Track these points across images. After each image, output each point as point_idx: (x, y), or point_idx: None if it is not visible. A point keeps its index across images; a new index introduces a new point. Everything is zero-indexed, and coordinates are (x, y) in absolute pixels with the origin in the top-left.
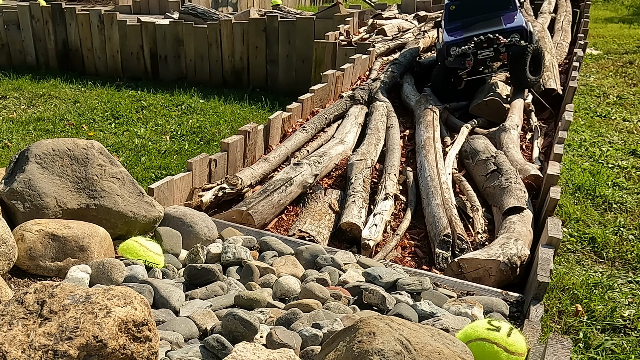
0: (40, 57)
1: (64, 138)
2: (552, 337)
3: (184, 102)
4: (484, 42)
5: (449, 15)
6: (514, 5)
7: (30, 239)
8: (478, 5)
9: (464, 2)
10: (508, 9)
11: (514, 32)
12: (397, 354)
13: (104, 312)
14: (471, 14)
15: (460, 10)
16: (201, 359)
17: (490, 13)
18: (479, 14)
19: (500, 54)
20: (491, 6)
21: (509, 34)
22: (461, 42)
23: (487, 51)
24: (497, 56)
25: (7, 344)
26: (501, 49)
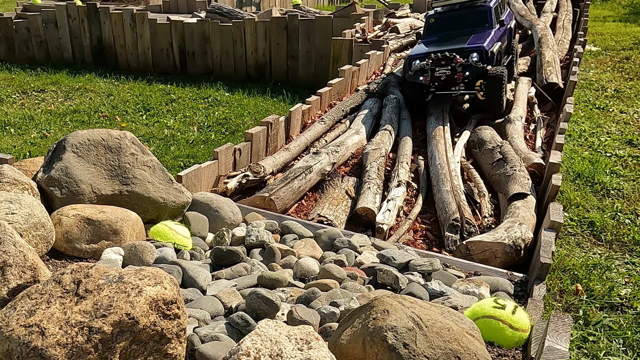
0: (76, 53)
1: (98, 129)
2: (553, 314)
3: (211, 95)
4: (441, 59)
5: (428, 28)
6: (490, 23)
7: (67, 223)
8: (456, 21)
9: (443, 17)
10: (484, 26)
11: (473, 52)
12: (409, 330)
13: (135, 291)
14: (448, 28)
15: (439, 24)
16: (227, 334)
17: (466, 29)
18: (455, 30)
19: (456, 73)
20: (468, 23)
21: (468, 54)
22: (422, 57)
23: (444, 69)
24: (453, 75)
25: (46, 321)
26: (457, 69)
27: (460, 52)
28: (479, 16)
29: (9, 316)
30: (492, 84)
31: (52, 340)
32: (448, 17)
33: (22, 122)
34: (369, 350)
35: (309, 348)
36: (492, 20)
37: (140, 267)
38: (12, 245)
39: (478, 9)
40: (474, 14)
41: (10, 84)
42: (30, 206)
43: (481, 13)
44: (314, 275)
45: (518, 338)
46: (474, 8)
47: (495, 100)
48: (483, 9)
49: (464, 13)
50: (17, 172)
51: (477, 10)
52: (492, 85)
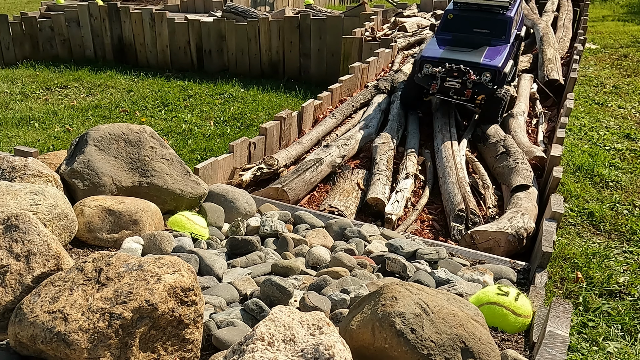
0: (98, 51)
1: (119, 123)
2: (555, 301)
3: (226, 91)
4: (454, 70)
5: (445, 23)
6: (507, 37)
7: (89, 213)
8: (474, 23)
9: (462, 16)
10: (500, 38)
11: (487, 71)
12: (416, 316)
13: (154, 278)
14: (465, 30)
15: (456, 22)
16: (242, 320)
17: (482, 37)
18: (471, 33)
19: (465, 89)
20: (486, 29)
21: (482, 72)
22: (435, 62)
23: (454, 81)
24: (462, 90)
25: (69, 307)
26: (468, 84)
27: (474, 67)
28: (497, 26)
29: (33, 303)
30: (493, 104)
31: (74, 325)
32: (467, 17)
33: (46, 116)
34: (378, 335)
35: (320, 333)
36: (510, 33)
37: (159, 255)
38: (37, 235)
39: (498, 17)
40: (494, 22)
41: (35, 81)
42: (54, 197)
43: (500, 23)
44: (325, 264)
45: (521, 324)
46: (494, 14)
47: (491, 118)
48: (503, 18)
49: (484, 17)
50: (41, 165)
51: (497, 19)
52: (493, 104)
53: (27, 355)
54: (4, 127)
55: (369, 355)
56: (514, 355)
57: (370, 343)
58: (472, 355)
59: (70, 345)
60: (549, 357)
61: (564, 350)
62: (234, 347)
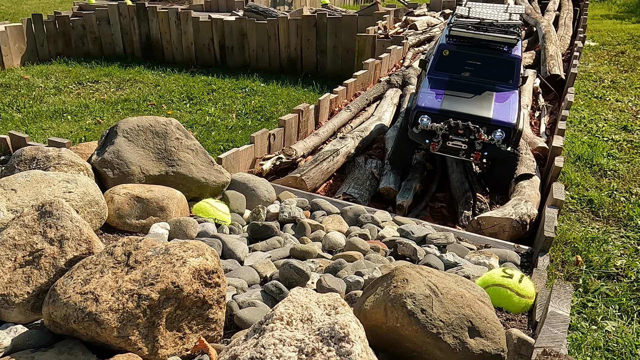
0: (127, 48)
1: (146, 116)
2: (556, 283)
3: (248, 85)
4: (460, 128)
5: (439, 60)
6: (515, 82)
7: (118, 200)
8: (475, 62)
9: (460, 53)
10: (507, 82)
11: (499, 129)
12: (426, 297)
13: (180, 262)
14: (465, 69)
15: (453, 60)
16: (262, 301)
17: (486, 80)
18: (472, 75)
19: (473, 150)
20: (490, 72)
21: (492, 129)
22: (435, 116)
23: (459, 140)
24: (470, 151)
25: (99, 288)
26: (477, 145)
27: (483, 124)
28: (504, 67)
29: (66, 284)
30: (505, 167)
31: (105, 306)
32: (466, 55)
33: (78, 109)
34: (390, 315)
35: (336, 313)
36: (518, 76)
37: (184, 240)
38: (69, 221)
39: (505, 56)
40: (499, 63)
41: (68, 76)
42: (86, 185)
43: (508, 64)
44: (341, 248)
45: (524, 304)
46: (499, 53)
47: (502, 183)
48: (511, 58)
49: (487, 56)
50: (74, 155)
51: (503, 59)
52: (504, 167)
53: (60, 334)
54: (39, 120)
55: (382, 334)
56: (518, 334)
57: (382, 322)
58: (478, 334)
59: (101, 324)
60: (551, 335)
61: (565, 329)
62: (254, 326)
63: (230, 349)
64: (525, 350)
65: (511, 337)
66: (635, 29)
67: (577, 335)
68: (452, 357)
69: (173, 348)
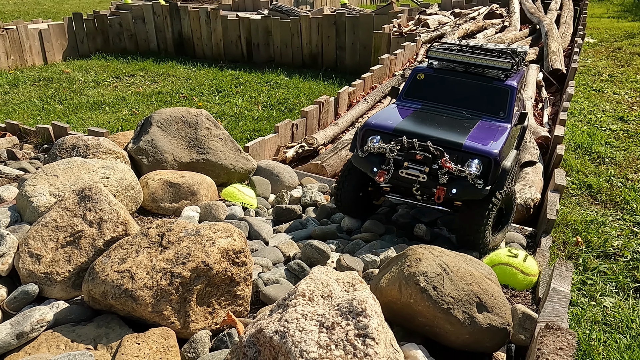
0: (160, 44)
1: (179, 107)
2: (558, 262)
3: (272, 79)
4: (418, 151)
5: (412, 85)
6: (507, 114)
7: (152, 185)
8: (458, 90)
9: (440, 77)
10: (497, 115)
11: (474, 158)
12: (437, 275)
13: (210, 242)
14: (443, 98)
15: (430, 86)
16: (285, 278)
17: (470, 111)
18: (454, 103)
19: (435, 185)
20: (476, 102)
21: (465, 157)
22: (388, 135)
23: (416, 169)
24: (430, 186)
25: (135, 267)
26: (440, 177)
27: (452, 149)
28: (493, 97)
29: (104, 263)
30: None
31: (140, 283)
32: (446, 79)
33: (115, 101)
34: (404, 291)
35: (354, 290)
36: (512, 108)
37: (213, 222)
38: (107, 205)
39: (494, 84)
40: (487, 91)
41: (106, 70)
42: (122, 172)
43: (499, 93)
44: (358, 229)
45: (528, 282)
46: (489, 80)
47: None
48: (503, 87)
49: (473, 83)
50: (111, 144)
51: (492, 87)
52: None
53: (99, 309)
54: (79, 111)
55: (396, 309)
56: (523, 309)
57: (397, 298)
58: (486, 309)
59: (136, 300)
60: (553, 310)
61: (566, 304)
62: (279, 302)
63: (256, 323)
64: (529, 324)
65: (516, 312)
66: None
67: (577, 310)
68: (461, 331)
69: (203, 322)
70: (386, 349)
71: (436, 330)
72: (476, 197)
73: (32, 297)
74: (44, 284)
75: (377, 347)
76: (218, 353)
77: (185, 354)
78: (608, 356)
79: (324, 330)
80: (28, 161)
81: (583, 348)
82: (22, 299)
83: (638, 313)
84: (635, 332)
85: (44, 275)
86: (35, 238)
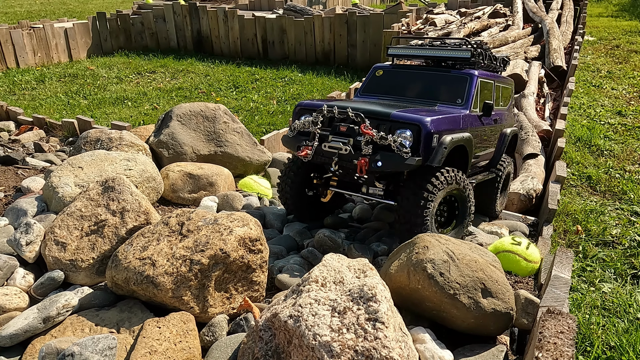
0: (180, 42)
1: (197, 102)
2: (559, 249)
3: (287, 75)
4: (341, 120)
5: (370, 82)
6: (466, 99)
7: (173, 177)
8: (416, 84)
9: (399, 72)
10: (454, 102)
11: (404, 128)
12: (444, 262)
13: (227, 231)
14: (401, 91)
15: (388, 81)
16: (299, 265)
17: (425, 101)
18: (410, 97)
19: (356, 158)
20: (433, 92)
21: (394, 127)
22: (318, 109)
23: (339, 141)
24: (352, 159)
25: (156, 254)
26: (363, 148)
27: (380, 119)
28: (451, 85)
29: (127, 251)
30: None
31: (161, 270)
32: (405, 74)
33: (137, 97)
34: (412, 278)
35: (364, 276)
36: (471, 96)
37: (231, 212)
38: (130, 195)
39: (453, 73)
40: (445, 80)
41: (128, 67)
42: (144, 163)
43: (457, 81)
44: (369, 219)
45: (531, 268)
46: (447, 70)
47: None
48: (461, 75)
49: (431, 74)
50: (134, 137)
51: (450, 76)
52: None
53: (122, 295)
54: (103, 106)
55: (405, 294)
56: (525, 294)
57: (406, 284)
58: (490, 295)
59: (157, 286)
60: (554, 296)
61: (567, 290)
62: (293, 287)
63: (272, 307)
64: (531, 309)
65: (519, 297)
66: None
67: (577, 295)
68: (467, 315)
69: (221, 307)
70: (395, 333)
71: (443, 315)
72: (402, 169)
73: (57, 283)
74: (69, 271)
75: (387, 331)
76: (235, 336)
77: (204, 337)
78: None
79: (336, 315)
80: (54, 153)
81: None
82: (49, 284)
83: (635, 298)
84: (633, 316)
85: (69, 262)
86: (61, 227)
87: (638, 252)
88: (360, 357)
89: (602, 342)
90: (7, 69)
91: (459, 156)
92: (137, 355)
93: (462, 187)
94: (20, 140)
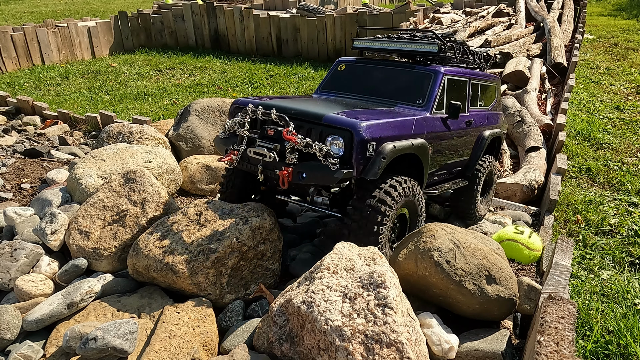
0: (198, 40)
1: (215, 97)
2: (560, 238)
3: (300, 72)
4: (268, 123)
5: (332, 77)
6: (426, 101)
7: (191, 169)
8: (379, 78)
9: (362, 67)
10: (414, 102)
11: (335, 135)
12: (450, 250)
13: (243, 220)
14: (362, 88)
15: (351, 77)
16: (311, 253)
17: (384, 100)
18: (370, 94)
19: (281, 165)
20: (393, 89)
21: (325, 133)
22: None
23: (264, 146)
24: (275, 169)
25: (175, 243)
26: (288, 156)
27: (312, 123)
28: (412, 83)
29: (147, 240)
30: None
31: (180, 258)
32: (369, 69)
33: (157, 92)
34: (420, 265)
35: (374, 264)
36: (434, 95)
37: (246, 202)
38: (150, 186)
39: (416, 69)
40: (409, 77)
41: (148, 64)
42: (164, 156)
43: (419, 78)
44: None
45: (533, 256)
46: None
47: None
48: (425, 72)
49: (395, 70)
50: (154, 130)
51: (414, 73)
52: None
53: (142, 281)
54: (124, 101)
55: (413, 281)
56: (528, 281)
57: (413, 271)
58: (494, 281)
59: (176, 273)
60: (556, 282)
61: (567, 277)
62: (305, 274)
63: (285, 294)
64: (534, 295)
65: (522, 284)
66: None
67: (578, 282)
68: (472, 301)
69: (237, 293)
70: (403, 318)
71: (449, 301)
72: (328, 182)
73: (81, 271)
74: (92, 259)
75: (395, 316)
76: (251, 321)
77: (221, 322)
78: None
79: (347, 301)
80: (78, 146)
81: (583, 317)
82: (73, 272)
83: (632, 285)
84: (630, 302)
85: (92, 250)
86: (84, 216)
87: (635, 240)
88: (370, 340)
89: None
90: (33, 65)
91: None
92: (157, 339)
93: (416, 200)
94: (45, 134)
